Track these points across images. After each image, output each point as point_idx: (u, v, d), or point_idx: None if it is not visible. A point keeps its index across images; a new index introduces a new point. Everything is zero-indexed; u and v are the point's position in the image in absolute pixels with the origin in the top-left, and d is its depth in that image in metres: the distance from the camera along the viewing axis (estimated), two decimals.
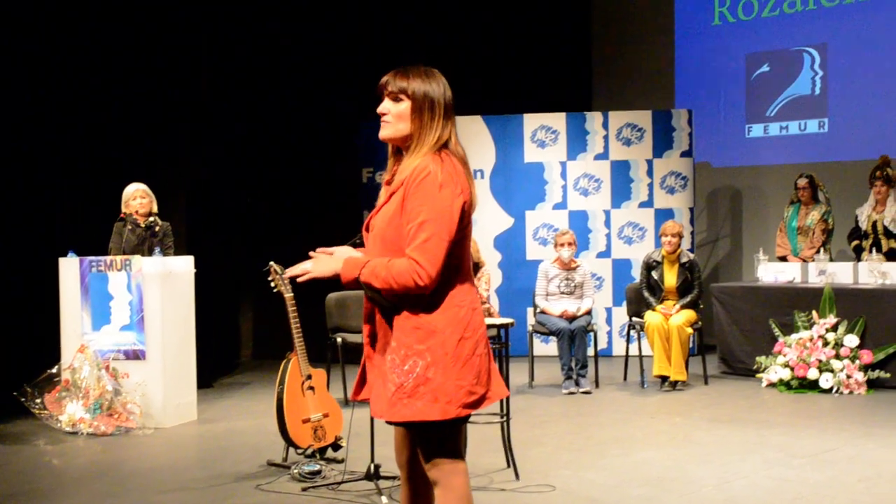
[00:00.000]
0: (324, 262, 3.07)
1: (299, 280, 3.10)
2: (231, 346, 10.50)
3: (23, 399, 6.73)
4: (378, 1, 10.68)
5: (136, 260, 6.91)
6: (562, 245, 8.28)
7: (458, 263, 3.06)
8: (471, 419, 5.28)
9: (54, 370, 6.84)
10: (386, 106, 3.11)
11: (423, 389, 2.98)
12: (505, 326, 5.60)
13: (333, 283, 3.15)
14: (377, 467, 5.04)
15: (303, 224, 10.03)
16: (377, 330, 3.12)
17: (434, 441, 3.08)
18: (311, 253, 3.08)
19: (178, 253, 7.46)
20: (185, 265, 7.18)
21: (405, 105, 3.08)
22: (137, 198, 7.32)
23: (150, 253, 7.05)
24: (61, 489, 5.32)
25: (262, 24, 9.69)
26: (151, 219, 7.32)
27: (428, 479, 3.12)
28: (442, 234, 2.94)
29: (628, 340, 8.67)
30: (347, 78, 10.24)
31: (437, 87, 3.11)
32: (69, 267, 7.02)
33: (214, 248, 9.23)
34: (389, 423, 3.08)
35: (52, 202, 8.23)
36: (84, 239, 7.43)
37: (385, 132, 3.12)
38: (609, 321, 10.28)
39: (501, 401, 5.38)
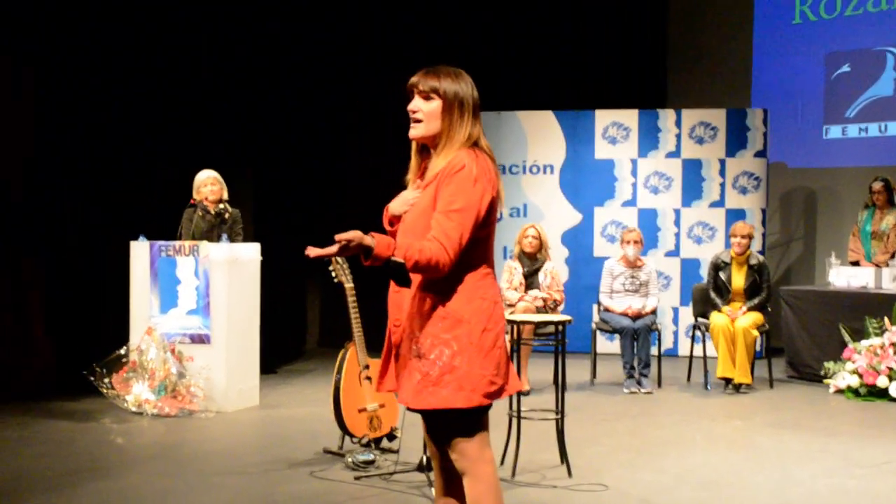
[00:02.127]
0: (358, 237, 2.92)
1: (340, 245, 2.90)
2: (297, 333, 10.64)
3: (92, 378, 6.91)
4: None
5: (204, 246, 7.04)
6: (627, 243, 8.22)
7: (484, 257, 3.15)
8: (524, 415, 5.32)
9: (122, 351, 7.00)
10: (417, 104, 3.16)
11: (449, 378, 3.05)
12: (562, 323, 5.55)
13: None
14: (430, 459, 5.07)
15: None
16: (405, 320, 3.16)
17: (460, 430, 3.14)
18: (337, 237, 2.91)
19: (246, 240, 7.58)
20: (251, 252, 7.28)
21: (436, 104, 3.14)
22: (209, 185, 7.45)
23: (218, 239, 7.17)
24: (122, 467, 5.45)
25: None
26: (221, 206, 7.46)
27: None
28: (467, 224, 3.02)
29: (693, 341, 8.56)
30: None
31: (466, 87, 3.17)
32: (139, 250, 7.18)
33: (284, 237, 9.34)
34: (415, 411, 3.15)
35: (126, 186, 8.39)
36: (155, 224, 7.58)
37: (416, 132, 3.17)
38: (675, 321, 10.17)
39: (557, 398, 5.37)
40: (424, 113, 3.14)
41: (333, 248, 2.92)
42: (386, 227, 3.28)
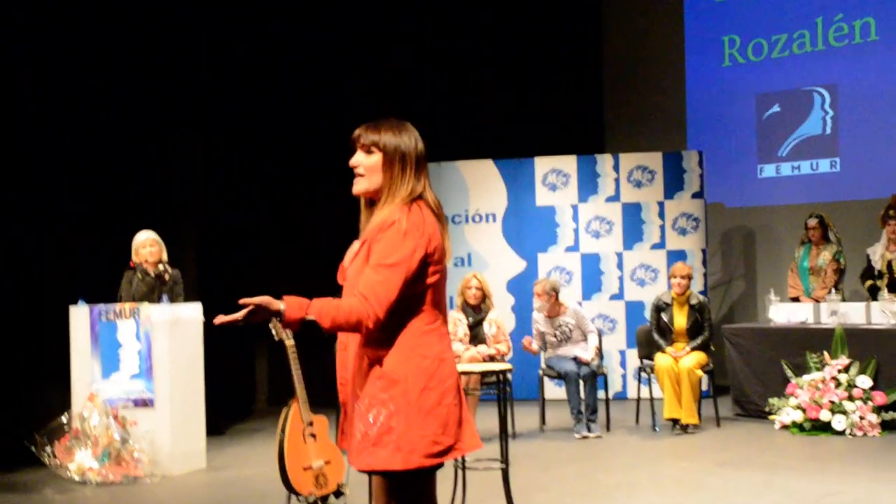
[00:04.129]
0: (266, 302, 2.92)
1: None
2: (247, 392, 10.53)
3: (33, 448, 6.77)
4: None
5: (145, 308, 6.98)
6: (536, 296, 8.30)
7: (426, 312, 3.08)
8: (469, 465, 5.31)
9: (64, 419, 6.89)
10: (358, 159, 3.15)
11: (387, 439, 3.00)
12: (503, 372, 5.58)
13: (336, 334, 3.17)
14: None
15: (306, 263, 9.94)
16: (350, 378, 3.14)
17: (403, 491, 3.09)
18: (242, 301, 2.92)
19: (188, 299, 7.52)
20: (193, 312, 7.23)
21: (377, 158, 3.12)
22: (147, 246, 7.41)
23: (159, 301, 7.12)
24: None
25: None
26: (161, 267, 7.41)
27: None
28: (395, 279, 2.96)
29: (639, 383, 8.63)
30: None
31: (409, 140, 3.14)
32: (79, 315, 7.10)
33: (228, 294, 9.26)
34: (359, 471, 3.11)
35: (63, 250, 8.32)
36: (94, 287, 7.50)
37: (358, 187, 3.16)
38: (623, 364, 10.24)
39: (501, 446, 5.37)
40: (365, 167, 3.12)
41: (240, 315, 2.91)
42: (340, 282, 3.20)
